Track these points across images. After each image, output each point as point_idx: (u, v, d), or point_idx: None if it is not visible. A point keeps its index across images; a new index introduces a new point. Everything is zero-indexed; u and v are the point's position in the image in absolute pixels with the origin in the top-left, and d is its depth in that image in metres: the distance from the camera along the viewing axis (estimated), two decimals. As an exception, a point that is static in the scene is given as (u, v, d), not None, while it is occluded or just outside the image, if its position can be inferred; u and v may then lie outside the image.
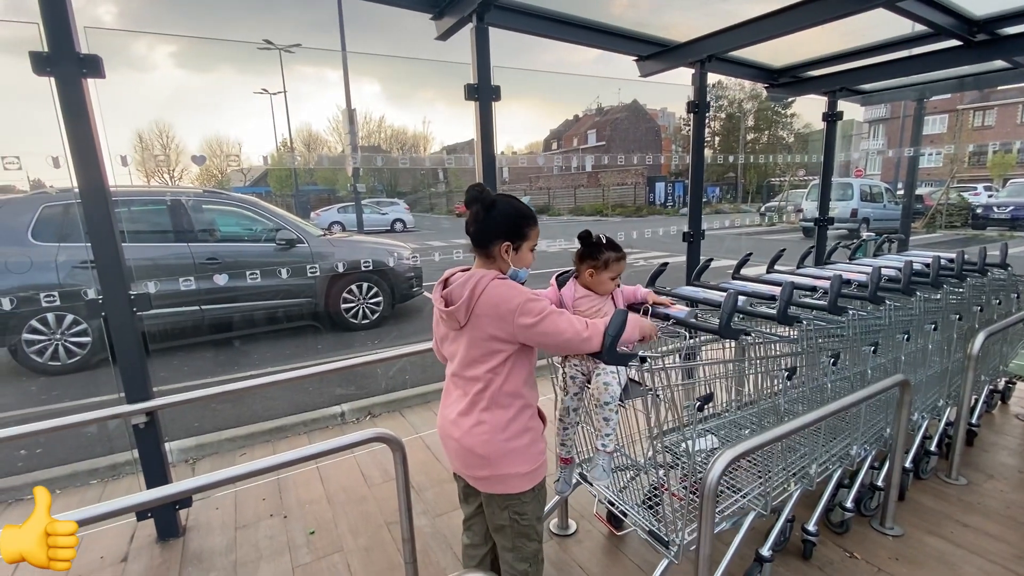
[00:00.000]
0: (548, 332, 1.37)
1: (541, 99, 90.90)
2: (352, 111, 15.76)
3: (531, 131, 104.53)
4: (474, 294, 1.37)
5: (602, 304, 1.81)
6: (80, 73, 2.01)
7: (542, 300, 1.40)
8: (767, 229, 18.52)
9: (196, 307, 5.37)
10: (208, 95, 75.55)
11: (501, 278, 1.42)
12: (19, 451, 3.22)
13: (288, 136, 29.44)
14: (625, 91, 53.05)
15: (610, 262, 1.77)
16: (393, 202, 24.35)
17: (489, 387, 1.43)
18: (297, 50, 24.69)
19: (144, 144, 32.74)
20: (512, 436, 1.44)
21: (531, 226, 1.48)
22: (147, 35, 77.24)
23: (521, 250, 1.48)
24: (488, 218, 1.42)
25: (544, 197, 40.39)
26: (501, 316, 1.36)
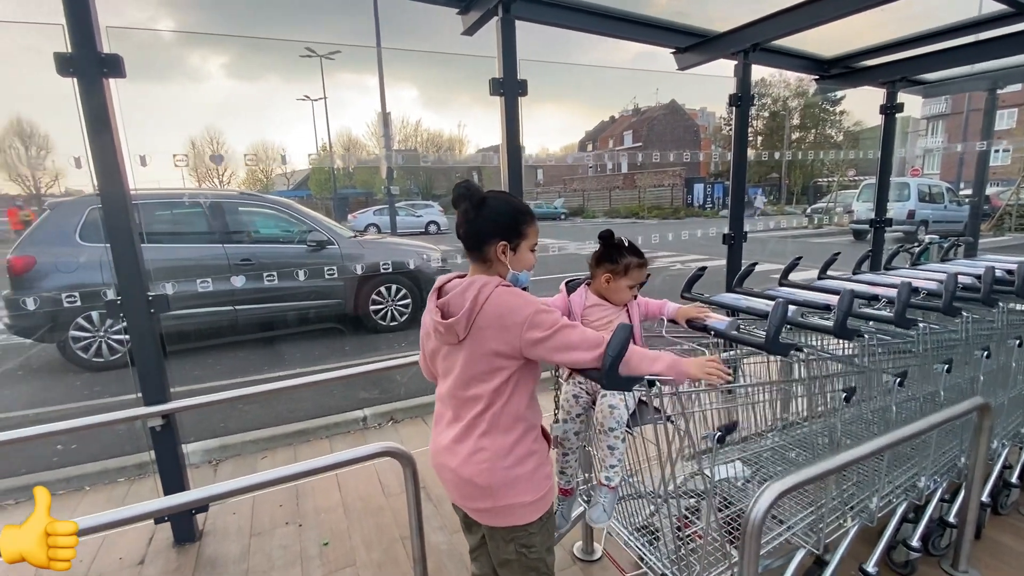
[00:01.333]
0: (559, 348, 1.22)
1: (576, 100, 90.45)
2: (387, 114, 15.99)
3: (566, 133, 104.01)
4: (477, 303, 1.22)
5: (615, 316, 1.64)
6: (101, 73, 1.99)
7: (553, 311, 1.25)
8: (814, 231, 17.65)
9: (230, 307, 5.46)
10: (256, 102, 78.80)
11: (507, 286, 1.27)
12: (56, 446, 3.30)
13: (328, 141, 30.21)
14: (663, 91, 52.03)
15: (631, 268, 1.60)
16: (428, 204, 24.56)
17: (490, 408, 1.27)
18: (337, 57, 25.35)
19: (196, 149, 34.34)
20: (516, 462, 1.28)
21: (529, 223, 1.33)
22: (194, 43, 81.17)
23: (520, 250, 1.32)
24: (479, 216, 1.27)
25: (578, 199, 40.02)
26: (507, 328, 1.21)
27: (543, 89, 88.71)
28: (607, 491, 1.51)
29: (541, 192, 45.21)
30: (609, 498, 1.50)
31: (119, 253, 2.14)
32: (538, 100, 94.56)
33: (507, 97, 2.73)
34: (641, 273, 1.62)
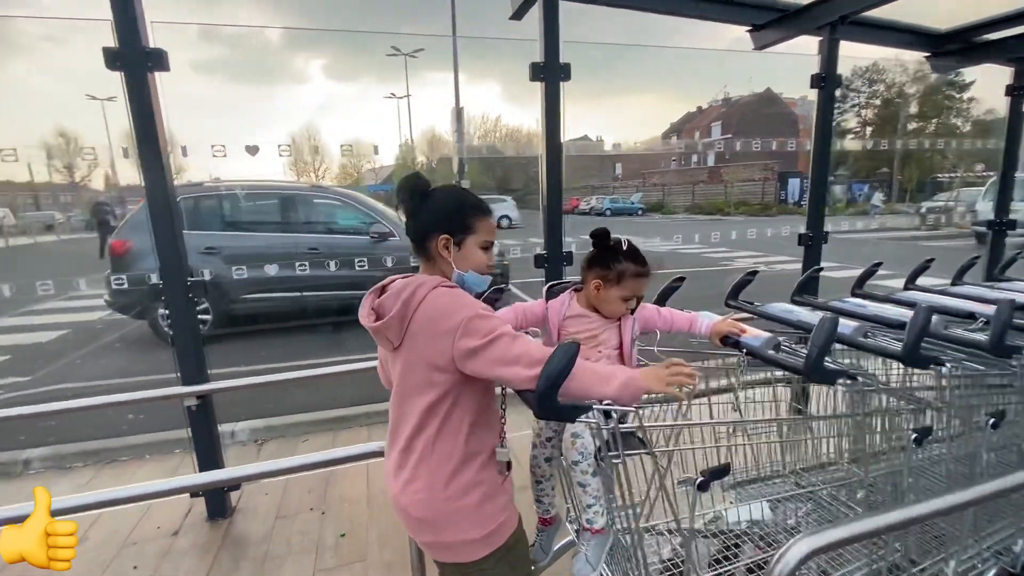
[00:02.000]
0: (496, 361, 1.02)
1: (661, 90, 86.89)
2: (459, 109, 16.20)
3: (649, 125, 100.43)
4: (409, 306, 1.09)
5: (603, 330, 1.40)
6: (146, 67, 2.09)
7: (494, 317, 1.08)
8: (929, 233, 15.57)
9: (298, 293, 5.76)
10: (350, 101, 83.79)
11: (447, 286, 1.12)
12: (128, 416, 3.62)
13: (409, 136, 31.34)
14: (758, 79, 48.61)
15: (625, 277, 1.35)
16: (501, 199, 24.69)
17: (423, 430, 1.12)
18: (421, 55, 26.15)
19: (295, 145, 37.15)
20: (457, 494, 1.12)
21: (478, 217, 1.17)
22: (297, 46, 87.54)
23: (466, 246, 1.17)
24: (422, 208, 1.16)
25: (658, 194, 38.41)
26: (439, 335, 1.05)
27: (625, 79, 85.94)
28: (590, 536, 1.31)
29: (618, 187, 43.95)
30: (594, 545, 1.29)
31: (162, 241, 2.25)
32: (618, 91, 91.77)
33: (548, 83, 2.56)
34: (639, 284, 1.37)
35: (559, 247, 2.75)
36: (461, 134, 20.45)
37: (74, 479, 2.95)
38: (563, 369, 0.95)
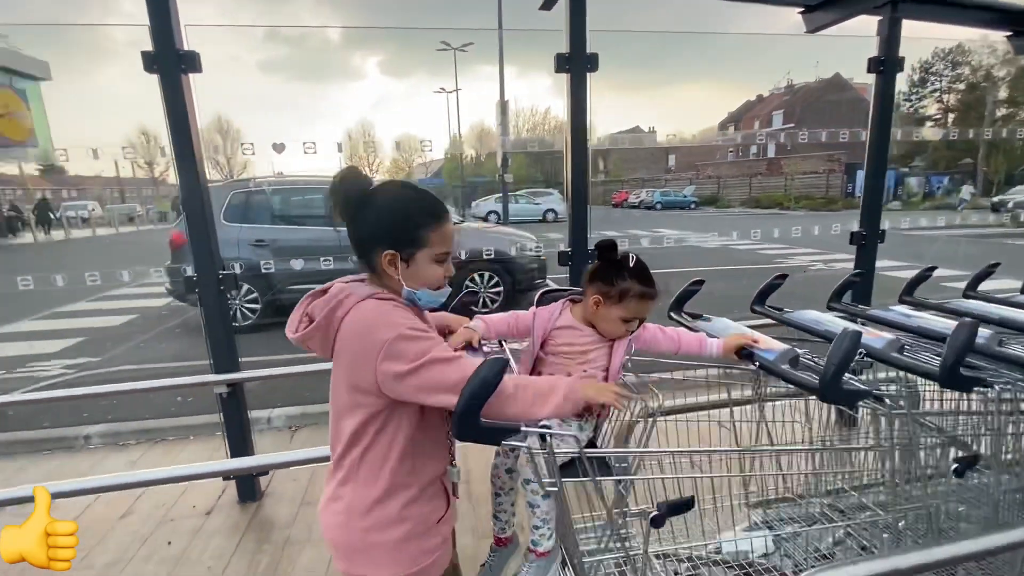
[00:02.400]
0: (427, 387, 0.91)
1: (718, 80, 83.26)
2: (505, 102, 16.16)
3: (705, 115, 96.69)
4: (333, 318, 0.98)
5: (592, 348, 1.29)
6: (179, 69, 2.18)
7: (425, 338, 0.96)
8: (1015, 230, 14.11)
9: (339, 285, 5.94)
10: (404, 97, 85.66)
11: (381, 298, 1.00)
12: (177, 398, 3.86)
13: (457, 130, 31.67)
14: (825, 64, 45.69)
15: (627, 296, 1.22)
16: (548, 192, 24.54)
17: (349, 452, 1.02)
18: (471, 49, 26.28)
19: (351, 140, 38.46)
20: (376, 527, 1.02)
21: (431, 226, 1.01)
22: (354, 44, 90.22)
23: (415, 262, 1.02)
24: (362, 216, 1.00)
25: (712, 187, 36.91)
26: (361, 357, 0.94)
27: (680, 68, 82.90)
28: (534, 558, 1.22)
29: (671, 179, 42.60)
30: (536, 567, 1.21)
31: (195, 235, 2.35)
32: (672, 80, 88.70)
33: (573, 73, 2.47)
34: (642, 306, 1.24)
35: (583, 244, 2.67)
36: (506, 127, 20.48)
37: (127, 455, 3.17)
38: (486, 386, 0.86)
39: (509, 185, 19.34)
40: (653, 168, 47.72)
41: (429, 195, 1.05)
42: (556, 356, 1.32)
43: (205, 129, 2.18)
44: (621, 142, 5.31)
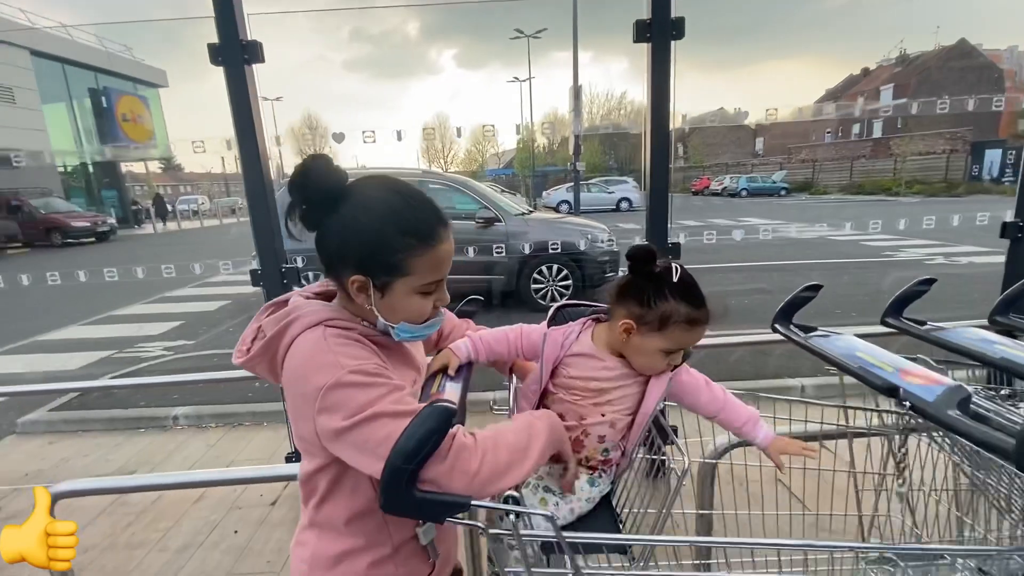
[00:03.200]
0: (368, 449, 0.70)
1: (815, 54, 76.13)
2: (578, 87, 15.63)
3: (799, 93, 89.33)
4: (278, 346, 0.80)
5: (615, 386, 0.98)
6: (243, 60, 2.14)
7: (376, 384, 0.73)
8: None
9: (408, 276, 5.99)
10: (479, 88, 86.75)
11: (332, 326, 0.79)
12: (255, 384, 4.01)
13: (530, 119, 31.39)
14: (947, 30, 40.28)
15: (671, 323, 0.91)
16: (623, 180, 23.71)
17: (309, 498, 0.88)
18: (544, 35, 25.86)
19: (427, 134, 39.55)
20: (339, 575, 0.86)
21: (413, 250, 0.77)
22: (431, 39, 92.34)
23: (393, 292, 0.80)
24: (328, 227, 0.79)
25: (807, 172, 33.81)
26: (301, 402, 0.75)
27: (773, 41, 76.51)
28: None
29: (759, 164, 39.65)
30: None
31: (259, 228, 2.34)
32: (763, 56, 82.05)
33: (655, 42, 2.18)
34: (691, 335, 0.93)
35: (663, 237, 2.38)
36: (579, 112, 19.92)
37: (207, 438, 3.32)
38: (418, 442, 0.65)
39: (581, 173, 18.83)
40: (738, 152, 44.76)
41: (420, 206, 0.80)
42: (568, 392, 1.01)
43: (297, 125, 2.17)
44: (703, 124, 4.82)
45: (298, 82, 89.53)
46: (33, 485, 1.71)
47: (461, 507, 0.69)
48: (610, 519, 1.02)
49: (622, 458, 1.06)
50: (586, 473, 1.03)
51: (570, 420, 1.00)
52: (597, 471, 1.03)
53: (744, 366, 3.89)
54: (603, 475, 1.04)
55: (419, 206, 0.79)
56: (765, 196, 27.95)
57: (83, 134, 23.88)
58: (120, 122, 23.77)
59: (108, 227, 17.22)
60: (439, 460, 0.69)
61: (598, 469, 1.03)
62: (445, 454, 0.69)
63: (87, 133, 23.85)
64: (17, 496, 2.67)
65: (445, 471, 0.69)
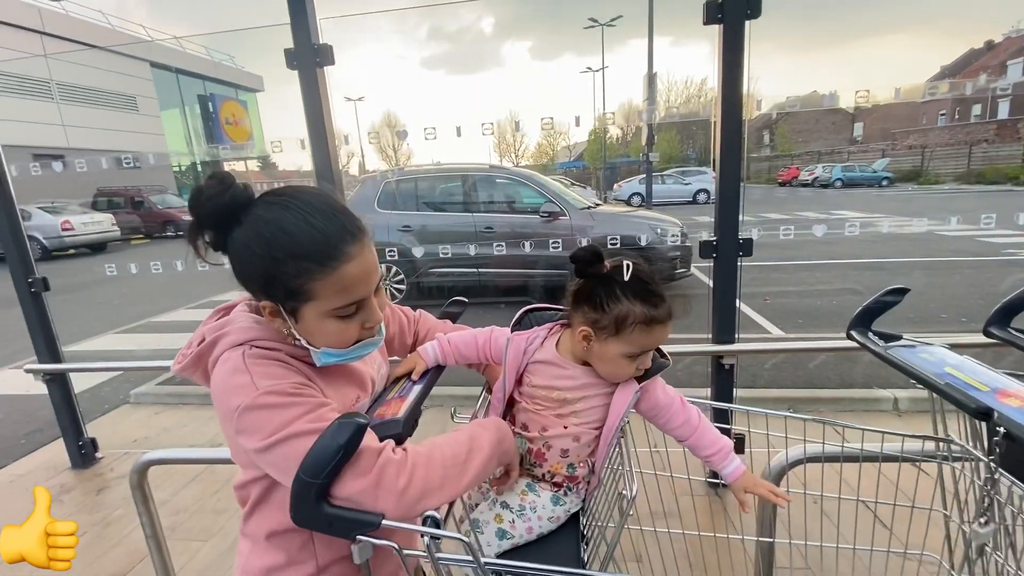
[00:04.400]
0: (287, 468, 0.67)
1: (925, 27, 67.99)
2: (653, 75, 15.00)
3: (908, 72, 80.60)
4: (204, 359, 0.79)
5: (579, 395, 0.92)
6: (315, 63, 2.26)
7: (293, 404, 0.70)
8: None
9: (474, 269, 6.09)
10: (552, 80, 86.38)
11: (257, 346, 0.76)
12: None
13: (602, 109, 30.70)
14: (1102, -13, 34.84)
15: (626, 324, 0.84)
16: (700, 171, 22.58)
17: (243, 506, 0.87)
18: (620, 23, 25.17)
19: (499, 129, 39.96)
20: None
21: (314, 274, 0.71)
22: (504, 34, 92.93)
23: (303, 319, 0.75)
24: (232, 247, 0.74)
25: (915, 159, 30.31)
26: (224, 421, 0.74)
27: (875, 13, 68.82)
28: None
29: (857, 152, 36.18)
30: None
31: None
32: (863, 33, 73.83)
33: (727, 23, 2.04)
34: (651, 335, 0.86)
35: (733, 232, 2.23)
36: (653, 100, 19.18)
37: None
38: (326, 458, 0.63)
39: (654, 164, 18.16)
40: (833, 139, 41.15)
41: (323, 222, 0.72)
42: (531, 401, 0.96)
43: (377, 125, 2.28)
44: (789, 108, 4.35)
45: (380, 82, 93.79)
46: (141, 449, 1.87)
47: (371, 525, 0.66)
48: (573, 540, 0.96)
49: (591, 475, 0.99)
50: (549, 490, 0.97)
51: (532, 431, 0.96)
52: (562, 488, 0.97)
53: (827, 373, 3.58)
54: (569, 493, 0.98)
55: (317, 223, 0.71)
56: (863, 187, 25.46)
57: (193, 136, 26.55)
58: (223, 125, 26.11)
59: (215, 221, 19.03)
60: (361, 476, 0.66)
61: (563, 486, 0.97)
62: (368, 470, 0.67)
63: (196, 135, 26.48)
64: (127, 459, 3.02)
65: (369, 488, 0.66)
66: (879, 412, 3.10)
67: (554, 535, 0.97)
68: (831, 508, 1.41)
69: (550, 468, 0.97)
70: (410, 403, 0.87)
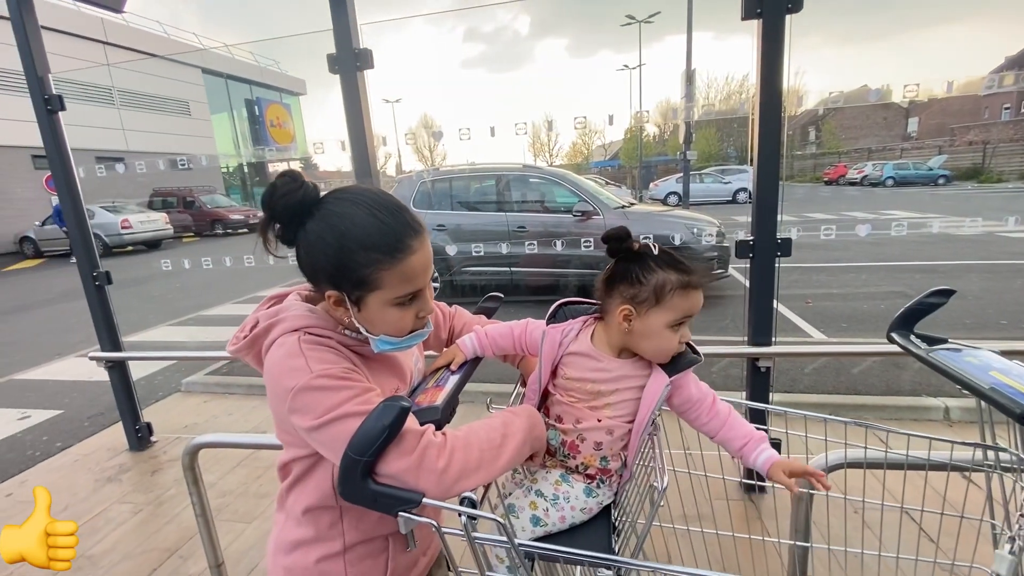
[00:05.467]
0: (337, 447, 0.72)
1: (987, 15, 63.79)
2: (691, 71, 14.65)
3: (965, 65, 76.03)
4: (259, 341, 0.85)
5: (612, 387, 0.95)
6: (355, 67, 2.34)
7: (342, 387, 0.75)
8: None
9: (507, 268, 6.13)
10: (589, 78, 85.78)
11: (311, 333, 0.81)
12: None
13: (639, 107, 30.21)
14: None
15: (666, 291, 0.88)
16: (741, 169, 21.94)
17: (283, 482, 0.92)
18: (657, 19, 24.74)
19: (533, 129, 39.95)
20: (294, 562, 0.89)
21: (382, 264, 0.77)
22: (540, 34, 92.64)
23: (367, 307, 0.81)
24: (299, 243, 0.81)
25: (975, 156, 28.50)
26: (277, 400, 0.79)
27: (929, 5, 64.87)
28: None
29: (911, 149, 34.32)
30: None
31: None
32: (918, 23, 69.64)
33: (766, 18, 2.00)
34: (690, 300, 0.89)
35: (771, 231, 2.18)
36: (691, 97, 18.73)
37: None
38: (371, 438, 0.68)
39: (692, 163, 17.75)
40: (885, 135, 39.21)
41: (387, 217, 0.79)
42: (565, 393, 0.99)
43: (414, 126, 2.36)
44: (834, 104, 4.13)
45: (417, 83, 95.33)
46: (191, 435, 1.95)
47: (412, 502, 0.71)
48: (604, 532, 0.97)
49: (624, 469, 1.01)
50: (582, 482, 0.99)
51: (567, 423, 0.98)
52: (595, 480, 0.99)
53: (871, 379, 3.44)
54: (601, 485, 1.00)
55: (385, 218, 0.78)
56: (917, 185, 24.14)
57: (240, 139, 27.71)
58: (268, 128, 27.13)
59: (257, 220, 19.83)
60: (405, 456, 0.71)
61: (596, 479, 0.99)
62: (411, 451, 0.71)
63: (243, 138, 27.62)
64: (178, 443, 3.21)
65: (412, 467, 0.71)
66: (928, 421, 2.96)
67: (585, 526, 0.99)
68: (870, 516, 1.36)
69: (583, 460, 0.99)
70: (448, 392, 0.91)
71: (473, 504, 0.73)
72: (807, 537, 1.40)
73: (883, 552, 1.30)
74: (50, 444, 3.38)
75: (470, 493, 0.73)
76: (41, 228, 15.73)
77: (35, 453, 3.27)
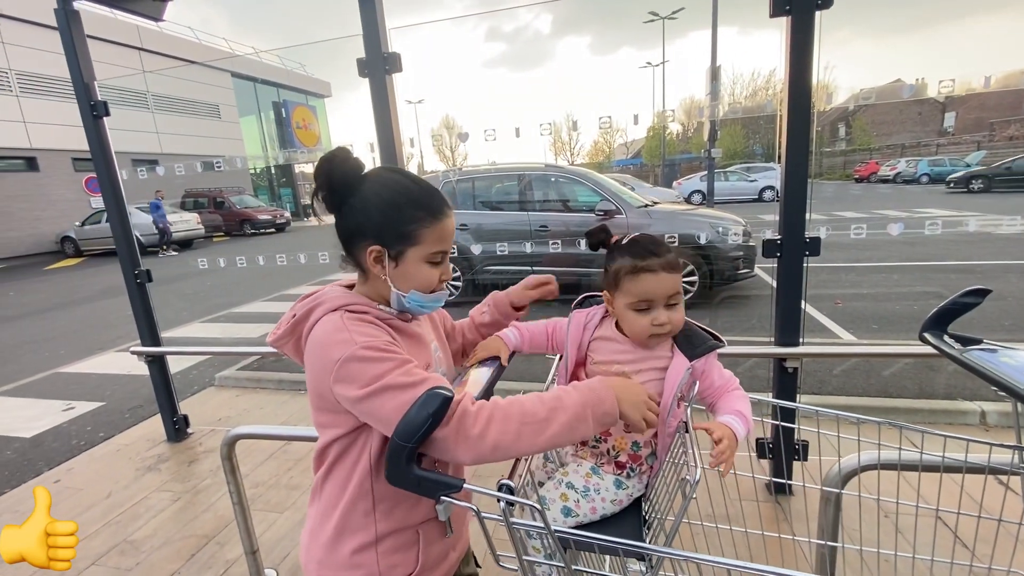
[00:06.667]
0: (379, 417, 0.80)
1: (1039, 3, 60.88)
2: (716, 67, 14.39)
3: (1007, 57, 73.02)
4: (302, 327, 0.90)
5: (639, 369, 1.01)
6: (384, 71, 2.39)
7: (386, 359, 0.81)
8: None
9: (529, 267, 6.15)
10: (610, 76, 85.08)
11: (350, 311, 0.88)
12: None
13: (662, 104, 29.84)
14: None
15: (620, 277, 0.99)
16: (768, 167, 21.47)
17: (317, 471, 0.96)
18: (681, 15, 24.42)
19: (555, 129, 39.85)
20: (327, 564, 0.92)
21: (423, 221, 0.89)
22: (561, 32, 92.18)
23: (405, 261, 0.90)
24: (349, 205, 0.90)
25: (1017, 151, 27.29)
26: (321, 373, 0.84)
27: None
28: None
29: (947, 144, 33.06)
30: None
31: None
32: (957, 14, 66.79)
33: (795, 15, 1.98)
34: (642, 283, 0.96)
35: (799, 229, 2.16)
36: (715, 94, 18.43)
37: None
38: (416, 426, 0.72)
39: (717, 161, 17.46)
40: (920, 131, 37.91)
41: (427, 186, 0.93)
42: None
43: (436, 128, 2.41)
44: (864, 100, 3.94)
45: (440, 83, 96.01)
46: (225, 427, 2.01)
47: (453, 488, 0.75)
48: (635, 524, 1.00)
49: (654, 458, 1.04)
50: (612, 474, 1.02)
51: None
52: (625, 470, 1.02)
53: (903, 381, 3.35)
54: (631, 476, 1.03)
55: (425, 186, 0.92)
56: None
57: (267, 141, 28.34)
58: (294, 130, 27.69)
59: (284, 220, 20.28)
60: (443, 425, 0.77)
61: (626, 467, 1.02)
62: (448, 420, 0.77)
63: (270, 140, 28.25)
64: (213, 435, 3.33)
65: (450, 436, 0.77)
66: (963, 426, 2.88)
67: (616, 518, 1.02)
68: (902, 519, 1.35)
69: (615, 444, 1.03)
70: (485, 382, 0.99)
71: (511, 490, 0.75)
72: (835, 538, 1.39)
73: (917, 555, 1.28)
74: (93, 434, 3.54)
75: (507, 480, 0.76)
76: (81, 228, 16.39)
77: (80, 443, 3.43)
